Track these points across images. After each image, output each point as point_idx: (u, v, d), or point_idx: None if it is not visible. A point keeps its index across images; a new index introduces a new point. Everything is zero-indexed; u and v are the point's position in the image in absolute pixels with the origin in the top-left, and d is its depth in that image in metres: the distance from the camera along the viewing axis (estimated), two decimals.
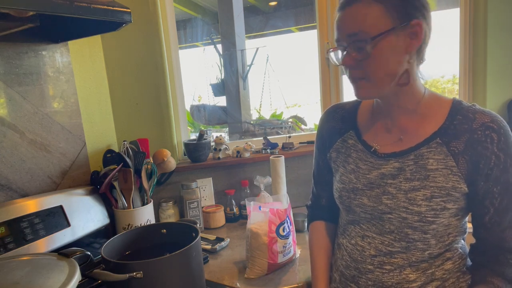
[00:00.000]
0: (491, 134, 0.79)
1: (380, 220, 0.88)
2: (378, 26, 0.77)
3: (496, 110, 1.89)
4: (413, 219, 0.83)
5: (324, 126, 1.06)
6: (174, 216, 1.69)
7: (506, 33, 1.82)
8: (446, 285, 0.88)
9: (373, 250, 0.89)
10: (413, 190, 0.84)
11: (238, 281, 1.21)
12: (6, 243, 1.09)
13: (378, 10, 0.77)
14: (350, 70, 0.84)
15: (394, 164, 0.88)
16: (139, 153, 1.46)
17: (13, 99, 1.24)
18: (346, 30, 0.81)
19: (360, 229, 0.93)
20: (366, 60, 0.80)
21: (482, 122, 0.80)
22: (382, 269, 0.88)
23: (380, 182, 0.89)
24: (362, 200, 0.91)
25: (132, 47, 1.66)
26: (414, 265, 0.87)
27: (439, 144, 0.84)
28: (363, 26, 0.78)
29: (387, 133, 0.92)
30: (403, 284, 0.87)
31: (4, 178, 1.21)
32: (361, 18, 0.78)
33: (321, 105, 2.01)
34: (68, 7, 0.94)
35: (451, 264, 0.89)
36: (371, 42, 0.77)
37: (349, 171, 0.95)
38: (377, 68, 0.81)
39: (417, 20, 0.79)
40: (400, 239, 0.86)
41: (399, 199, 0.85)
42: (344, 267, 0.96)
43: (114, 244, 1.07)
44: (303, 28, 6.02)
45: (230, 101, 4.97)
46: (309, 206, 1.17)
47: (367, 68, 0.81)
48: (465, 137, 0.81)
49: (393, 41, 0.79)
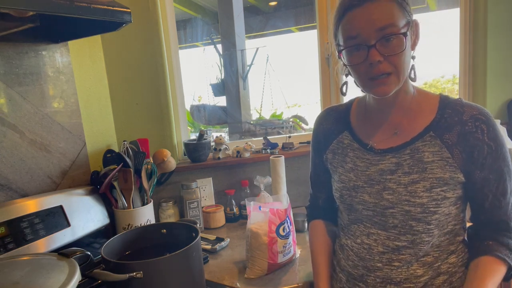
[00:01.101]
0: (481, 125, 0.83)
1: (383, 216, 0.89)
2: (403, 22, 0.80)
3: (496, 110, 1.90)
4: (416, 211, 0.85)
5: (318, 129, 1.08)
6: (174, 216, 1.69)
7: (506, 33, 1.82)
8: (454, 279, 0.90)
9: (381, 247, 0.90)
10: (413, 183, 0.86)
11: (238, 281, 1.21)
12: (6, 243, 1.09)
13: (396, 7, 0.79)
14: (378, 66, 0.80)
15: (392, 159, 0.90)
16: (139, 153, 1.46)
17: (13, 99, 1.24)
18: (375, 23, 0.78)
19: (364, 227, 0.94)
20: (397, 55, 0.79)
21: (471, 114, 0.85)
22: (391, 266, 0.89)
23: (379, 178, 0.90)
24: (363, 197, 0.92)
25: (132, 47, 1.66)
26: (421, 260, 0.88)
27: (432, 137, 0.87)
28: (393, 20, 0.78)
29: (382, 130, 0.94)
30: (411, 280, 0.88)
31: (4, 178, 1.21)
32: (389, 12, 0.79)
33: (321, 105, 2.01)
34: (68, 7, 0.94)
35: (455, 258, 0.90)
36: (402, 35, 0.79)
37: (348, 170, 0.97)
38: (404, 62, 0.82)
39: (415, 20, 0.84)
40: (405, 232, 0.87)
41: (400, 193, 0.87)
42: (351, 267, 0.97)
43: (114, 244, 1.08)
44: (303, 28, 6.02)
45: (230, 101, 4.97)
46: (308, 207, 1.20)
47: (397, 62, 0.81)
48: (456, 129, 0.85)
49: (409, 37, 0.82)
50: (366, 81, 0.85)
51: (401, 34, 0.79)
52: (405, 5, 0.81)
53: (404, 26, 0.80)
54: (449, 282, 0.89)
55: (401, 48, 0.79)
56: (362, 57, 0.81)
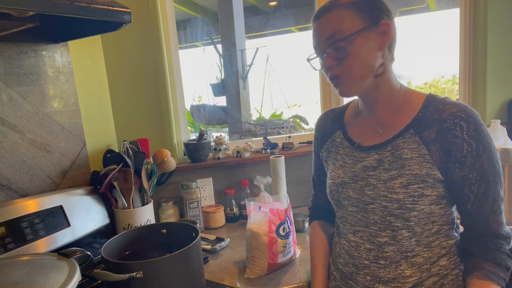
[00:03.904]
0: (460, 122, 0.84)
1: (365, 212, 0.93)
2: (352, 27, 0.85)
3: (496, 110, 1.90)
4: (393, 207, 0.87)
5: (318, 130, 1.13)
6: (174, 216, 1.69)
7: (506, 33, 1.82)
8: (445, 282, 0.90)
9: (367, 244, 0.93)
10: (391, 179, 0.88)
11: (238, 281, 1.21)
12: (6, 243, 1.09)
13: (350, 14, 0.86)
14: (332, 69, 0.89)
15: (374, 156, 0.93)
16: (139, 153, 1.46)
17: (13, 99, 1.24)
18: (324, 34, 0.88)
19: (350, 225, 0.98)
20: (345, 58, 0.86)
21: (451, 112, 0.85)
22: (378, 264, 0.91)
23: (363, 174, 0.94)
24: (348, 193, 0.96)
25: (132, 47, 1.66)
26: (410, 260, 0.89)
27: (412, 135, 0.89)
28: (339, 28, 0.86)
29: (368, 127, 0.98)
30: (399, 280, 0.89)
31: (4, 178, 1.21)
32: (336, 22, 0.86)
33: (321, 105, 2.01)
34: (68, 7, 0.94)
35: (446, 261, 0.91)
36: (348, 40, 0.85)
37: (338, 167, 1.01)
38: (355, 64, 0.87)
39: (384, 21, 0.87)
40: (385, 227, 0.90)
41: (379, 189, 0.89)
42: (343, 265, 0.99)
43: (114, 244, 1.08)
44: (303, 28, 6.03)
45: (230, 101, 4.97)
46: (310, 207, 1.22)
47: (347, 65, 0.87)
48: (435, 126, 0.86)
49: (366, 39, 0.86)
50: (331, 83, 0.94)
51: (347, 38, 0.84)
52: (366, 8, 0.86)
53: (358, 31, 0.84)
54: (440, 284, 0.90)
55: (347, 51, 0.85)
56: (322, 64, 0.93)
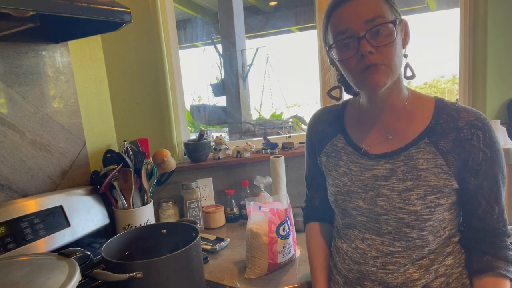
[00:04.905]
0: (477, 132, 0.82)
1: (377, 222, 0.89)
2: (391, 15, 0.80)
3: (496, 110, 1.89)
4: (409, 219, 0.84)
5: (312, 131, 1.07)
6: (174, 216, 1.69)
7: (506, 33, 1.82)
8: (450, 281, 0.89)
9: (374, 252, 0.90)
10: (407, 190, 0.84)
11: (238, 281, 1.21)
12: (6, 243, 1.09)
13: (385, 3, 0.80)
14: (369, 57, 0.78)
15: (386, 165, 0.88)
16: (139, 153, 1.46)
17: (13, 99, 1.24)
18: (363, 16, 0.78)
19: (358, 232, 0.94)
20: (386, 45, 0.78)
21: (467, 120, 0.83)
22: (386, 270, 0.89)
23: (373, 184, 0.89)
24: (357, 203, 0.91)
25: (132, 47, 1.66)
26: (417, 263, 0.87)
27: (427, 144, 0.85)
28: (381, 12, 0.79)
29: (375, 133, 0.93)
30: (408, 284, 0.87)
31: (4, 178, 1.21)
32: (376, 5, 0.79)
33: (321, 105, 2.01)
34: (68, 7, 0.94)
35: (452, 259, 0.90)
36: (390, 26, 0.78)
37: (342, 174, 0.95)
38: (395, 54, 0.80)
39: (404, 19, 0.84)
40: (399, 238, 0.87)
41: (394, 200, 0.85)
42: (347, 271, 0.97)
43: (114, 244, 1.07)
44: (303, 28, 6.03)
45: (230, 101, 4.97)
46: (304, 207, 1.19)
47: (388, 52, 0.79)
48: (452, 135, 0.83)
49: (399, 31, 0.82)
50: (358, 75, 0.82)
51: (390, 23, 0.78)
52: (393, 3, 0.82)
53: (395, 19, 0.80)
54: (446, 283, 0.89)
55: (391, 38, 0.78)
56: (353, 51, 0.80)
